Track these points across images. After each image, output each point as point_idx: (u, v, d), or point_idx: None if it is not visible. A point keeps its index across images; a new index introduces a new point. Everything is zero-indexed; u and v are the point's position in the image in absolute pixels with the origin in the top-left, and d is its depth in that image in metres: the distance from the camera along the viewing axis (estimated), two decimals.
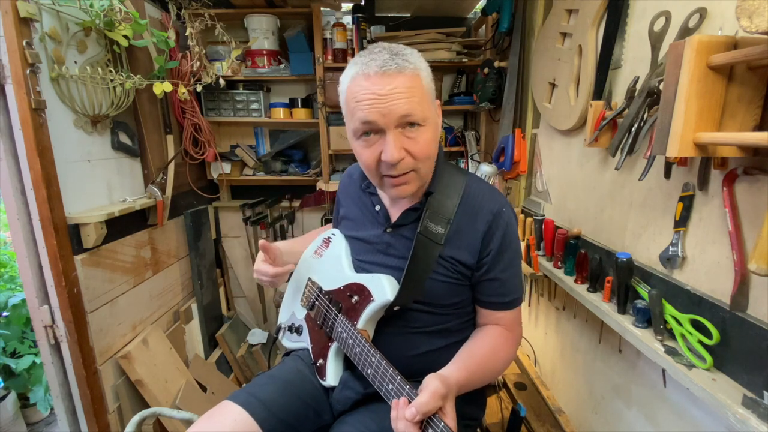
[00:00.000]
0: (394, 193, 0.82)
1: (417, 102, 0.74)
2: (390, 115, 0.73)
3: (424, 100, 0.76)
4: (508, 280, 0.86)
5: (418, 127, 0.76)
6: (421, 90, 0.76)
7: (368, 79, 0.73)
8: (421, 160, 0.78)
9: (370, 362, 0.76)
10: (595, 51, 1.16)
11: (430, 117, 0.78)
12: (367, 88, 0.73)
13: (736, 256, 0.72)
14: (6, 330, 1.89)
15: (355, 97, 0.75)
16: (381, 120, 0.73)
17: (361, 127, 0.76)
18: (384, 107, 0.72)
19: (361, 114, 0.74)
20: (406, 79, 0.73)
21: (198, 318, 2.14)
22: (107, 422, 1.48)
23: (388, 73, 0.72)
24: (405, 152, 0.75)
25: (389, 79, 0.72)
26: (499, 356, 0.84)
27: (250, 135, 2.40)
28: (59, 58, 1.30)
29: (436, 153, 0.83)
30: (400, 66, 0.73)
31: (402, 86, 0.73)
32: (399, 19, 2.30)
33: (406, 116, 0.73)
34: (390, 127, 0.74)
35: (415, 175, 0.80)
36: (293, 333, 1.03)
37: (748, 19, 0.55)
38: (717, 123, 0.68)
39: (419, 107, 0.74)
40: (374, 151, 0.77)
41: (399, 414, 0.63)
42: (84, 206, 1.43)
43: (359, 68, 0.75)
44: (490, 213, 0.84)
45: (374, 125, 0.74)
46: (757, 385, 0.69)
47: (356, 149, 0.81)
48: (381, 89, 0.72)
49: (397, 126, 0.74)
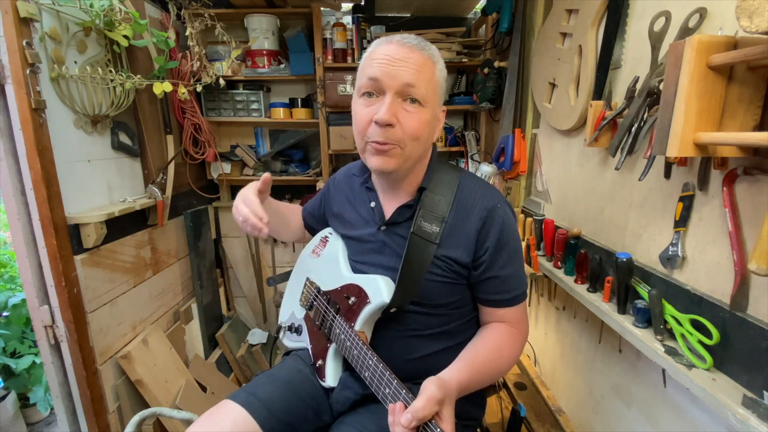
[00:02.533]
0: (373, 161, 0.81)
1: (424, 80, 0.77)
2: (395, 78, 0.76)
3: (431, 84, 0.79)
4: (508, 277, 0.84)
5: (417, 105, 0.78)
6: (431, 74, 0.79)
7: (389, 44, 0.79)
8: (409, 137, 0.78)
9: (368, 365, 0.76)
10: (595, 51, 1.16)
11: (432, 103, 0.80)
12: (385, 51, 0.78)
13: (736, 256, 0.72)
14: (6, 330, 1.89)
15: (371, 56, 0.80)
16: (385, 80, 0.76)
17: (366, 83, 0.79)
18: (392, 69, 0.76)
19: (370, 70, 0.78)
20: (421, 57, 0.78)
21: (198, 318, 2.14)
22: (107, 422, 1.48)
23: (408, 45, 0.78)
24: (396, 120, 0.77)
25: (406, 50, 0.77)
26: (504, 354, 0.83)
27: (250, 135, 2.40)
28: (59, 58, 1.30)
29: (427, 140, 0.83)
30: (420, 45, 0.79)
31: (415, 60, 0.77)
32: (399, 19, 2.30)
33: (410, 85, 0.76)
34: (391, 90, 0.76)
35: (399, 151, 0.79)
36: (293, 333, 1.03)
37: (748, 19, 0.55)
38: (717, 123, 0.68)
39: (424, 86, 0.77)
40: (370, 111, 0.78)
41: (395, 419, 0.63)
42: (84, 206, 1.43)
43: (384, 39, 0.81)
44: (484, 209, 0.83)
45: (378, 84, 0.77)
46: (757, 385, 0.69)
47: (355, 108, 0.82)
48: (396, 53, 0.77)
49: (398, 94, 0.77)
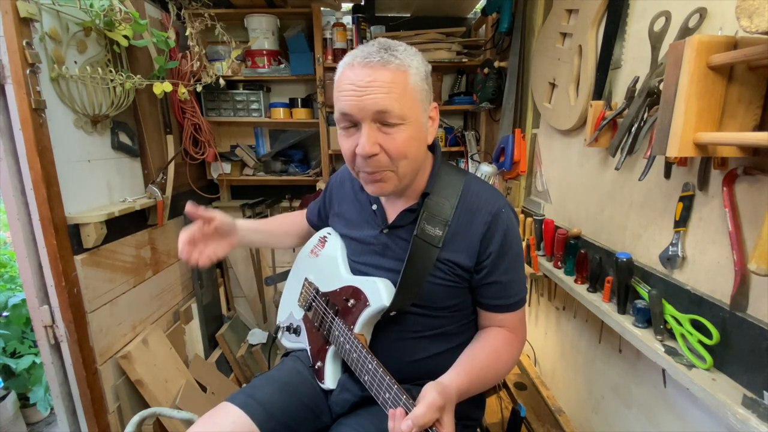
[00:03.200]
0: (370, 189, 0.80)
1: (395, 98, 0.72)
2: (365, 109, 0.72)
3: (405, 97, 0.73)
4: (509, 282, 0.84)
5: (396, 126, 0.74)
6: (403, 86, 0.73)
7: (352, 70, 0.73)
8: (396, 159, 0.75)
9: (367, 369, 0.75)
10: (595, 51, 1.16)
11: (411, 116, 0.75)
12: (349, 78, 0.73)
13: (736, 256, 0.72)
14: (6, 330, 1.89)
15: (339, 86, 0.76)
16: (357, 113, 0.73)
17: (341, 119, 0.76)
18: (359, 100, 0.72)
19: (339, 104, 0.75)
20: (388, 73, 0.72)
21: (198, 318, 2.14)
22: (107, 422, 1.48)
23: (370, 64, 0.72)
24: (379, 148, 0.74)
25: (370, 71, 0.72)
26: (502, 359, 0.82)
27: (250, 135, 2.40)
28: (59, 58, 1.30)
29: (417, 153, 0.79)
30: (384, 60, 0.72)
31: (381, 80, 0.71)
32: (399, 19, 2.30)
33: (382, 112, 0.72)
34: (365, 120, 0.73)
35: (393, 175, 0.78)
36: (292, 333, 1.02)
37: (748, 19, 0.55)
38: (717, 123, 0.68)
39: (397, 104, 0.72)
40: (352, 142, 0.76)
41: (396, 426, 0.62)
42: (84, 206, 1.43)
43: (349, 59, 0.76)
44: (488, 214, 0.82)
45: (350, 117, 0.74)
46: (757, 385, 0.69)
47: (339, 138, 0.81)
48: (360, 81, 0.72)
49: (374, 120, 0.73)
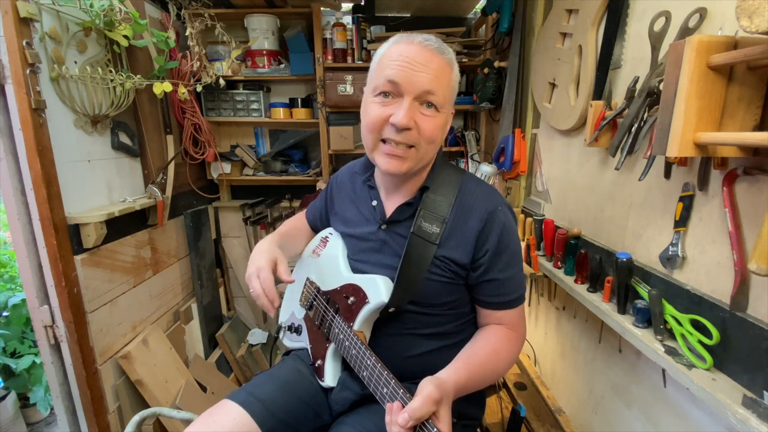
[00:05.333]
0: (385, 163, 0.81)
1: (442, 86, 0.78)
2: (415, 84, 0.75)
3: (448, 89, 0.80)
4: (507, 280, 0.84)
5: (434, 110, 0.78)
6: (448, 79, 0.80)
7: (410, 45, 0.77)
8: (425, 140, 0.79)
9: (366, 365, 0.76)
10: (595, 51, 1.16)
11: (447, 107, 0.82)
12: (406, 51, 0.76)
13: (736, 256, 0.72)
14: (6, 330, 1.89)
15: (390, 56, 0.78)
16: (405, 84, 0.76)
17: (384, 85, 0.77)
18: (412, 74, 0.75)
19: (390, 72, 0.76)
20: (441, 62, 0.78)
21: (198, 318, 2.14)
22: (107, 422, 1.48)
23: (429, 47, 0.77)
24: (414, 124, 0.77)
25: (427, 54, 0.76)
26: (501, 356, 0.83)
27: (250, 135, 2.40)
28: (59, 58, 1.30)
29: (439, 142, 0.84)
30: (440, 48, 0.78)
31: (436, 65, 0.76)
32: (399, 19, 2.30)
33: (429, 92, 0.76)
34: (410, 95, 0.76)
35: (414, 153, 0.80)
36: (293, 332, 1.03)
37: (748, 19, 0.55)
38: (717, 123, 0.68)
39: (442, 92, 0.78)
40: (386, 111, 0.78)
41: (393, 419, 0.63)
42: (84, 206, 1.43)
43: (404, 38, 0.80)
44: (485, 212, 0.83)
45: (397, 87, 0.76)
46: (757, 385, 0.69)
47: (367, 105, 0.81)
48: (417, 57, 0.76)
49: (416, 98, 0.77)
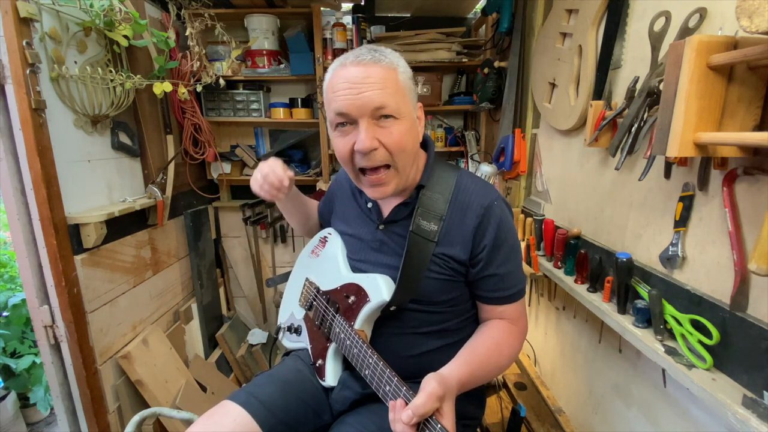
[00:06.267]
0: (371, 193, 0.82)
1: (390, 93, 0.75)
2: (363, 106, 0.74)
3: (398, 93, 0.77)
4: (507, 274, 0.85)
5: (392, 119, 0.76)
6: (395, 83, 0.77)
7: (344, 69, 0.76)
8: (395, 153, 0.78)
9: (368, 363, 0.76)
10: (595, 51, 1.16)
11: (406, 109, 0.79)
12: (343, 77, 0.76)
13: (736, 256, 0.72)
14: (6, 330, 1.89)
15: (333, 87, 0.78)
16: (354, 111, 0.75)
17: (336, 119, 0.78)
18: (357, 97, 0.74)
19: (335, 105, 0.76)
20: (381, 70, 0.76)
21: (198, 318, 2.14)
22: (107, 422, 1.48)
23: (363, 63, 0.76)
24: (378, 143, 0.76)
25: (363, 69, 0.75)
26: (503, 350, 0.83)
27: (250, 135, 2.40)
28: (59, 58, 1.30)
29: (413, 148, 0.82)
30: (375, 58, 0.76)
31: (376, 76, 0.75)
32: (399, 19, 2.30)
33: (379, 107, 0.75)
34: (363, 117, 0.75)
35: (394, 173, 0.80)
36: (292, 333, 1.03)
37: (748, 19, 0.55)
38: (717, 123, 0.68)
39: (392, 99, 0.75)
40: (348, 141, 0.78)
41: (396, 416, 0.63)
42: (84, 206, 1.43)
43: (338, 62, 0.79)
44: (480, 207, 0.83)
45: (348, 116, 0.76)
46: (757, 385, 0.69)
47: (333, 140, 0.82)
48: (355, 78, 0.75)
49: (371, 116, 0.75)
